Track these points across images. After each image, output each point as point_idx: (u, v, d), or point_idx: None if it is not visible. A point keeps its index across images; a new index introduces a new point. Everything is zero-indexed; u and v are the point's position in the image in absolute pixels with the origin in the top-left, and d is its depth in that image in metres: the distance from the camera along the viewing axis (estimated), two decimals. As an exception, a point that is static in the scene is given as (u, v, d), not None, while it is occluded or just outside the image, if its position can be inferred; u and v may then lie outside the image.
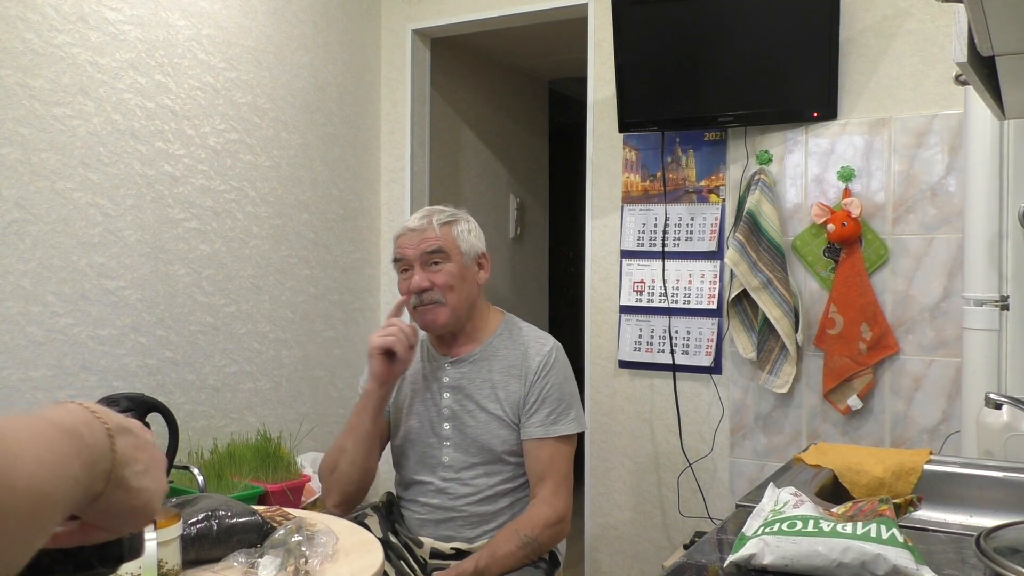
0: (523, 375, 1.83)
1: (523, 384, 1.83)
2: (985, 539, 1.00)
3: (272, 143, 2.81)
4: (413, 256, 1.82)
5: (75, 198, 2.23)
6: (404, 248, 1.84)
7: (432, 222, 1.83)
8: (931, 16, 2.41)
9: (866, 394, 2.46)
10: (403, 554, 1.79)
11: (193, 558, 1.35)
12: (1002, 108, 1.47)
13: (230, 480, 2.30)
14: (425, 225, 1.83)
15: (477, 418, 1.83)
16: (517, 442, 1.82)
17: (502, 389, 1.83)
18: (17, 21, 2.09)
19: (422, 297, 1.81)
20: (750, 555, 1.03)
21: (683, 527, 2.74)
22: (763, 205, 2.53)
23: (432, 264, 1.82)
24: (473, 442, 1.83)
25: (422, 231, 1.83)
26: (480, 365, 1.86)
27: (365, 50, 3.23)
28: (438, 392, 1.88)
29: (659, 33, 2.65)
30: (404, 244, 1.84)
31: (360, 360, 3.20)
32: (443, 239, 1.82)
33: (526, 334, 1.90)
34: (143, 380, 2.39)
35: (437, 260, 1.82)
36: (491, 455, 1.82)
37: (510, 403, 1.82)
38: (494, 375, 1.85)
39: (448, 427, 1.85)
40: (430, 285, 1.81)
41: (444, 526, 1.85)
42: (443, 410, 1.86)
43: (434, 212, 1.87)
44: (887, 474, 1.50)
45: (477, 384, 1.85)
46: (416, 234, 1.83)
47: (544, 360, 1.84)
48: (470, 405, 1.84)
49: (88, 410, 0.51)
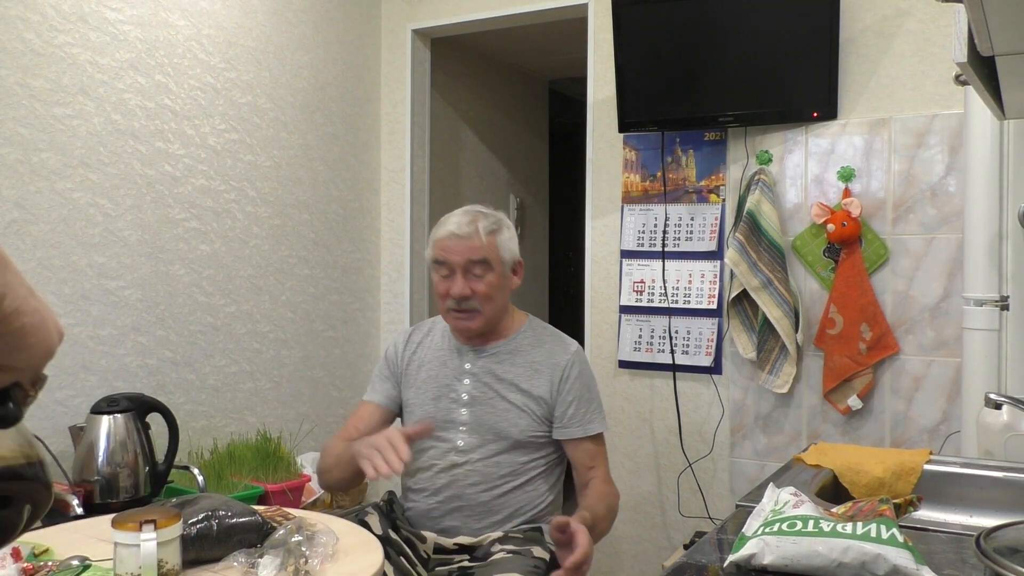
0: (550, 372, 1.89)
1: (550, 382, 1.88)
2: (985, 539, 1.00)
3: (272, 143, 2.81)
4: (457, 263, 1.84)
5: (75, 198, 2.23)
6: (449, 253, 1.84)
7: (479, 229, 1.84)
8: (931, 16, 2.41)
9: (866, 394, 2.46)
10: (403, 550, 1.79)
11: (193, 558, 1.35)
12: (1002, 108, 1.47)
13: (230, 480, 2.30)
14: (471, 232, 1.84)
15: (496, 406, 1.87)
16: (533, 432, 1.87)
17: (525, 382, 1.88)
18: (17, 21, 2.09)
19: (460, 303, 1.84)
20: (750, 555, 1.03)
21: (683, 527, 2.74)
22: (763, 205, 2.53)
23: (474, 273, 1.84)
24: (490, 428, 1.87)
25: (468, 239, 1.83)
26: (504, 358, 1.91)
27: (365, 50, 3.23)
28: (457, 379, 1.91)
29: (659, 33, 2.65)
30: (450, 249, 1.84)
31: (360, 360, 3.21)
32: (488, 249, 1.85)
33: (550, 335, 1.97)
34: (143, 380, 2.39)
35: (479, 271, 1.84)
36: (506, 442, 1.86)
37: (532, 396, 1.87)
38: (517, 368, 1.90)
39: (465, 412, 1.88)
40: (471, 294, 1.83)
41: (450, 517, 1.86)
42: (462, 396, 1.89)
43: (478, 217, 1.87)
44: (887, 474, 1.50)
45: (499, 375, 1.89)
46: (462, 241, 1.83)
47: (572, 360, 1.91)
48: (490, 393, 1.88)
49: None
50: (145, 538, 1.22)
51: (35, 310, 0.52)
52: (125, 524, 1.23)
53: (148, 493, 2.09)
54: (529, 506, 1.88)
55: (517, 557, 1.74)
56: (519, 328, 1.95)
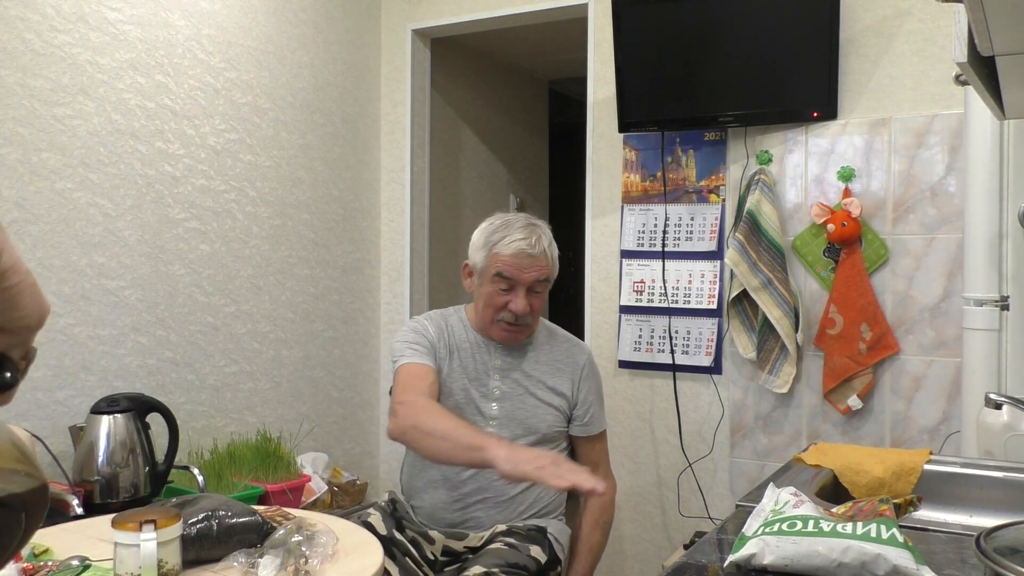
0: (571, 371, 1.97)
1: (571, 381, 1.96)
2: (985, 539, 1.00)
3: (272, 143, 2.81)
4: (526, 281, 1.85)
5: (75, 198, 2.23)
6: (519, 271, 1.84)
7: (546, 251, 1.87)
8: (931, 16, 2.41)
9: (866, 394, 2.46)
10: (409, 550, 1.79)
11: (193, 558, 1.35)
12: (1002, 108, 1.47)
13: (230, 480, 2.30)
14: (540, 253, 1.85)
15: (526, 402, 1.91)
16: (558, 427, 1.94)
17: (549, 378, 1.95)
18: (17, 21, 2.09)
19: (516, 319, 1.87)
20: (750, 555, 1.03)
21: (683, 527, 2.74)
22: (763, 205, 2.52)
23: (535, 291, 1.87)
24: (521, 423, 1.90)
25: (539, 259, 1.85)
26: (528, 355, 1.96)
27: (365, 50, 3.23)
28: (487, 374, 1.92)
29: (659, 33, 2.65)
30: (519, 267, 1.84)
31: (360, 360, 3.21)
32: (551, 269, 1.89)
33: (563, 335, 2.05)
34: (143, 380, 2.39)
35: (540, 289, 1.88)
36: (535, 436, 1.90)
37: (556, 392, 1.94)
38: (541, 366, 1.96)
39: (496, 407, 1.91)
40: (529, 311, 1.86)
41: (472, 509, 1.85)
42: (492, 391, 1.91)
43: (541, 233, 1.88)
44: (887, 474, 1.50)
45: (526, 371, 1.94)
46: (534, 261, 1.85)
47: (588, 360, 2.01)
48: (519, 390, 1.92)
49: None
50: (145, 538, 1.22)
51: (28, 272, 0.53)
52: (125, 524, 1.23)
53: (148, 493, 2.09)
54: (546, 498, 1.94)
55: (511, 551, 1.75)
56: (535, 329, 2.00)
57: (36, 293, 0.53)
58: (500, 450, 1.51)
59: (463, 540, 1.85)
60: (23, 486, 0.55)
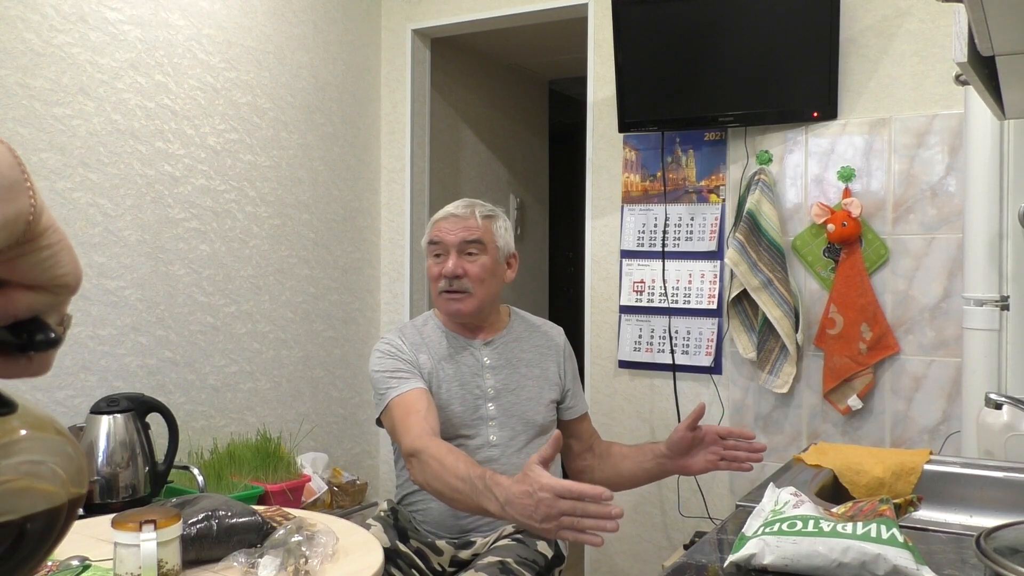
0: (554, 353, 1.97)
1: (556, 363, 1.97)
2: (985, 539, 1.00)
3: (272, 143, 2.81)
4: (452, 242, 1.84)
5: (75, 198, 2.23)
6: (444, 232, 1.86)
7: (475, 212, 1.87)
8: (931, 16, 2.41)
9: (866, 394, 2.46)
10: (415, 562, 1.76)
11: (193, 558, 1.35)
12: (1002, 108, 1.47)
13: (230, 480, 2.30)
14: (468, 214, 1.86)
15: (520, 395, 1.89)
16: (551, 417, 1.93)
17: (537, 366, 1.93)
18: (17, 21, 2.09)
19: (452, 283, 1.84)
20: (750, 555, 1.03)
21: (683, 527, 2.74)
22: (763, 205, 2.53)
23: (468, 254, 1.85)
24: (519, 418, 1.87)
25: (464, 219, 1.85)
26: (512, 346, 1.94)
27: (365, 50, 3.23)
28: (479, 373, 1.88)
29: (659, 33, 2.65)
30: (444, 229, 1.86)
31: (360, 360, 3.21)
32: (483, 231, 1.86)
33: (537, 319, 2.04)
34: (143, 380, 2.39)
35: (473, 251, 1.85)
36: (533, 430, 1.88)
37: (546, 379, 1.94)
38: (527, 354, 1.94)
39: (492, 407, 1.87)
40: (463, 273, 1.84)
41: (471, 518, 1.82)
42: (487, 390, 1.87)
43: (476, 204, 1.91)
44: (887, 474, 1.50)
45: (514, 363, 1.92)
46: (458, 221, 1.85)
47: (565, 342, 2.02)
48: (513, 384, 1.90)
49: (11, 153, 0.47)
50: (145, 538, 1.22)
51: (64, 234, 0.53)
52: (125, 524, 1.23)
53: (148, 493, 2.09)
54: None
55: (521, 545, 1.74)
56: (510, 319, 1.99)
57: (73, 254, 0.54)
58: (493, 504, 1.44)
59: (470, 548, 1.82)
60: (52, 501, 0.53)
